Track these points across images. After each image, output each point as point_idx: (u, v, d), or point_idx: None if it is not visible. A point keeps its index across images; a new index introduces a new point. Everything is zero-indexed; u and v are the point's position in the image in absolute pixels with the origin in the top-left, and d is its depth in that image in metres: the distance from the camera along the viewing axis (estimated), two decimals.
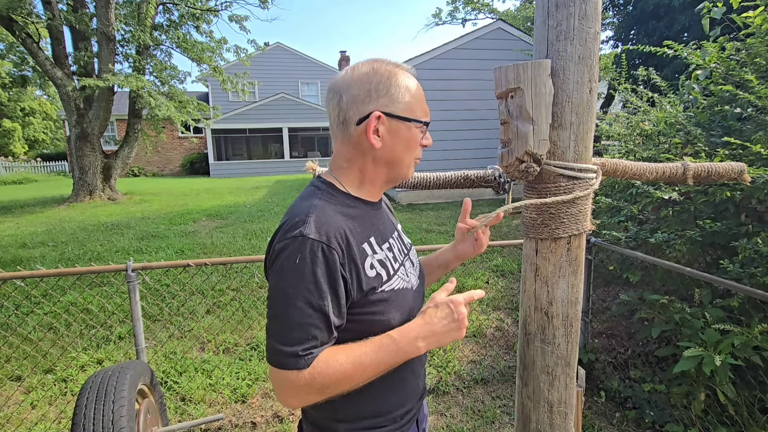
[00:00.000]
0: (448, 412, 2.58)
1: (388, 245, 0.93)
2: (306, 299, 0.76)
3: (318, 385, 0.76)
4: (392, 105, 0.86)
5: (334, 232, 0.80)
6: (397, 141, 0.88)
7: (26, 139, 31.03)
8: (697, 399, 2.15)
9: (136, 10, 10.65)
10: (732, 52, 2.82)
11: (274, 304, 0.79)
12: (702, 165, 1.13)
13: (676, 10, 7.85)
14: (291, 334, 0.76)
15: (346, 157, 0.91)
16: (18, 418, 2.50)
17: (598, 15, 0.86)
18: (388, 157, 0.89)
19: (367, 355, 0.80)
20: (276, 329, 0.78)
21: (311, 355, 0.76)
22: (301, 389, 0.76)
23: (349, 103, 0.86)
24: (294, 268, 0.76)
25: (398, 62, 0.91)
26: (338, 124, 0.89)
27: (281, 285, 0.77)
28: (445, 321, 0.84)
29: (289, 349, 0.75)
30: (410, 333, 0.83)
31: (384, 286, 0.86)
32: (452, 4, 20.25)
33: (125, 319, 3.15)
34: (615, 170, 1.05)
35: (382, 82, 0.86)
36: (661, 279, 2.77)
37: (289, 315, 0.76)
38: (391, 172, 0.93)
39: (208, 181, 16.61)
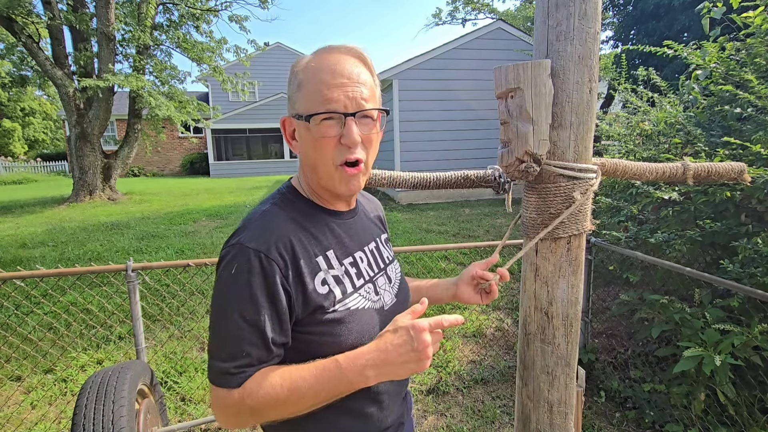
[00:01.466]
0: (448, 412, 2.58)
1: (351, 260, 0.84)
2: (240, 313, 0.69)
3: (247, 408, 0.68)
4: (295, 105, 0.78)
5: (277, 241, 0.73)
6: (304, 144, 0.78)
7: (26, 139, 31.04)
8: (697, 399, 2.15)
9: (136, 10, 10.65)
10: (732, 52, 2.82)
11: (211, 317, 0.73)
12: (702, 165, 1.13)
13: (676, 10, 7.85)
14: (224, 350, 0.70)
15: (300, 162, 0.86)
16: (18, 418, 2.50)
17: (598, 15, 0.86)
18: (308, 163, 0.80)
19: (305, 380, 0.69)
20: (212, 343, 0.72)
21: (244, 374, 0.69)
22: (230, 409, 0.69)
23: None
24: (230, 279, 0.70)
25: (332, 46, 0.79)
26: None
27: (217, 297, 0.72)
28: (402, 349, 0.69)
29: (222, 365, 0.69)
30: (359, 360, 0.71)
31: (337, 306, 0.76)
32: (452, 4, 20.27)
33: (125, 319, 3.15)
34: (615, 170, 1.05)
35: (292, 81, 0.79)
36: (661, 279, 2.77)
37: (223, 329, 0.70)
38: (320, 180, 0.80)
39: (208, 181, 16.61)
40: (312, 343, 0.75)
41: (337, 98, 0.74)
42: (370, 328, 0.80)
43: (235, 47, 13.39)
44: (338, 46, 0.79)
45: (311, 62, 0.76)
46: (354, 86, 0.75)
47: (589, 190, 0.93)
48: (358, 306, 0.80)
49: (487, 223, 6.82)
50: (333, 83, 0.74)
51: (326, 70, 0.74)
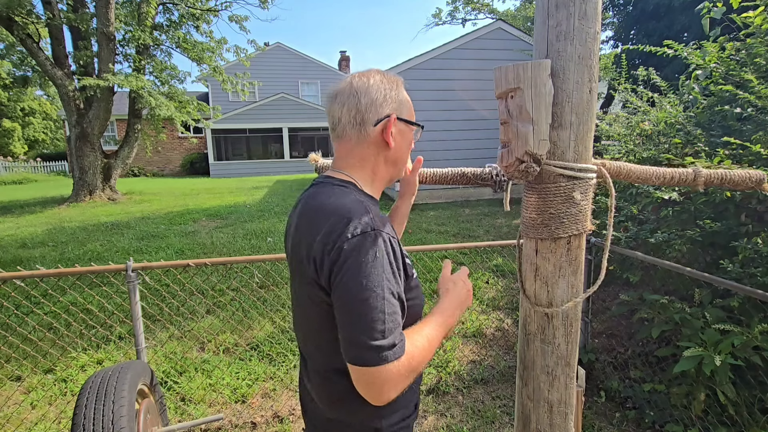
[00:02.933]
0: (448, 412, 2.58)
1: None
2: (390, 290, 0.78)
3: (412, 367, 0.79)
4: (401, 110, 0.97)
5: (388, 226, 0.87)
6: (403, 141, 0.99)
7: (26, 139, 31.03)
8: (697, 399, 2.15)
9: (136, 9, 10.64)
10: (732, 52, 2.82)
11: (359, 301, 0.77)
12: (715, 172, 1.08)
13: (676, 10, 7.85)
14: (383, 327, 0.76)
15: (359, 157, 0.96)
16: (18, 418, 2.50)
17: (598, 15, 0.86)
18: (396, 157, 0.99)
19: (431, 330, 0.87)
20: (365, 327, 0.76)
21: (403, 341, 0.79)
22: (402, 377, 0.77)
23: (368, 105, 0.92)
24: (375, 264, 0.78)
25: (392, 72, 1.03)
26: (354, 124, 0.93)
27: (364, 282, 0.77)
28: (463, 291, 1.00)
29: (386, 341, 0.75)
30: (449, 306, 0.95)
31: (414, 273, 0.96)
32: (452, 4, 20.25)
33: (125, 319, 3.15)
34: (618, 172, 1.04)
35: (394, 90, 0.96)
36: (661, 279, 2.77)
37: (379, 310, 0.76)
38: (395, 171, 1.02)
39: (208, 181, 16.61)
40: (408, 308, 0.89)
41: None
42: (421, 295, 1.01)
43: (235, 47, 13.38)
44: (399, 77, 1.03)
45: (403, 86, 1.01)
46: None
47: (589, 189, 0.93)
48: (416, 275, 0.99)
49: (487, 223, 6.82)
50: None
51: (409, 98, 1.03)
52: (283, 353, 3.18)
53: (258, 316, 3.72)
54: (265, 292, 4.20)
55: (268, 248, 5.73)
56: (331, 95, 0.96)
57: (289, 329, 3.48)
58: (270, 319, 3.69)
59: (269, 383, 2.86)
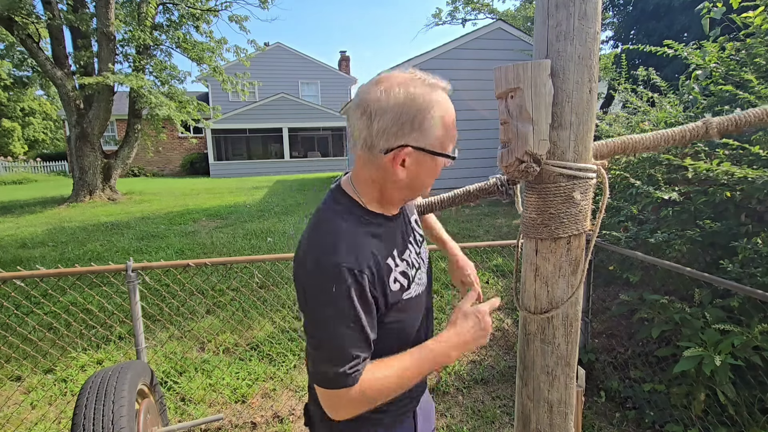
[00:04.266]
0: (448, 412, 2.58)
1: (406, 253, 0.98)
2: (347, 324, 0.81)
3: (366, 398, 0.83)
4: (423, 140, 0.85)
5: (364, 257, 0.84)
6: (422, 171, 0.89)
7: (26, 139, 31.03)
8: (697, 399, 2.15)
9: (136, 9, 10.65)
10: (732, 52, 2.82)
11: (317, 332, 0.84)
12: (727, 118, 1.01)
13: (676, 10, 7.85)
14: (337, 357, 0.81)
15: (369, 176, 0.90)
16: (18, 418, 2.50)
17: (598, 15, 0.86)
18: (411, 184, 0.91)
19: (409, 369, 0.87)
20: (321, 354, 0.83)
21: (357, 372, 0.82)
22: (351, 403, 0.83)
23: (379, 132, 0.83)
24: (332, 298, 0.80)
25: (435, 81, 0.87)
26: (363, 146, 0.86)
27: (323, 314, 0.82)
28: (473, 330, 0.92)
29: (339, 369, 0.80)
30: (444, 344, 0.90)
31: (404, 296, 0.92)
32: (452, 4, 20.25)
33: (125, 319, 3.14)
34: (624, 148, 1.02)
35: (417, 116, 0.83)
36: (661, 279, 2.77)
37: (333, 339, 0.81)
38: (410, 195, 0.95)
39: (208, 181, 16.61)
40: (388, 330, 0.91)
41: (455, 137, 0.94)
42: (421, 308, 1.00)
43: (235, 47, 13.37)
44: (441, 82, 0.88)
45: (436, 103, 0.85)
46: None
47: (589, 189, 0.93)
48: (414, 293, 0.96)
49: (487, 223, 6.82)
50: (455, 126, 0.92)
51: (450, 117, 0.89)
52: (283, 353, 3.18)
53: (258, 316, 3.72)
54: (265, 292, 4.20)
55: (268, 248, 5.73)
56: (353, 105, 0.87)
57: (289, 329, 3.48)
58: (270, 319, 3.69)
59: (269, 383, 2.86)
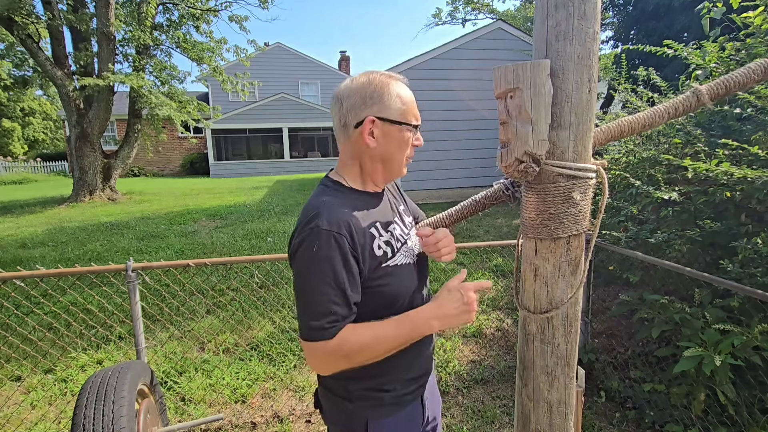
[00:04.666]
0: (448, 413, 2.58)
1: (391, 227, 1.06)
2: (325, 280, 0.89)
3: (343, 353, 0.90)
4: (385, 111, 0.99)
5: (342, 222, 0.93)
6: (389, 141, 1.01)
7: (26, 139, 31.02)
8: (697, 399, 2.15)
9: (136, 9, 10.64)
10: (732, 52, 2.82)
11: (299, 287, 0.92)
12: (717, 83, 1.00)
13: (676, 10, 7.85)
14: (316, 311, 0.89)
15: (349, 156, 1.05)
16: (18, 418, 2.50)
17: (597, 15, 0.86)
18: (383, 155, 1.03)
19: (386, 330, 0.94)
20: (303, 309, 0.92)
21: (335, 327, 0.90)
22: (329, 356, 0.90)
23: (348, 109, 1.00)
24: (312, 256, 0.89)
25: (392, 73, 1.04)
26: (340, 127, 1.03)
27: (304, 271, 0.91)
28: (455, 304, 0.97)
29: (316, 323, 0.89)
30: (425, 313, 0.97)
31: (389, 262, 1.00)
32: (452, 5, 20.26)
33: (125, 319, 3.15)
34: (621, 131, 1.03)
35: (376, 91, 0.99)
36: (661, 279, 2.77)
37: (313, 295, 0.90)
38: (386, 169, 1.06)
39: (208, 181, 16.61)
40: (375, 293, 0.98)
41: (418, 117, 1.05)
42: (409, 279, 1.06)
43: (235, 47, 13.36)
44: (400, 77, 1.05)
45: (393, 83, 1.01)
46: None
47: (588, 189, 0.93)
48: (401, 262, 1.04)
49: (487, 223, 6.82)
50: (415, 107, 1.04)
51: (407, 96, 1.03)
52: (283, 353, 3.18)
53: (258, 316, 3.72)
54: (265, 292, 4.20)
55: (268, 248, 5.73)
56: (331, 103, 1.05)
57: (289, 329, 3.48)
58: (270, 319, 3.69)
59: (269, 383, 2.86)
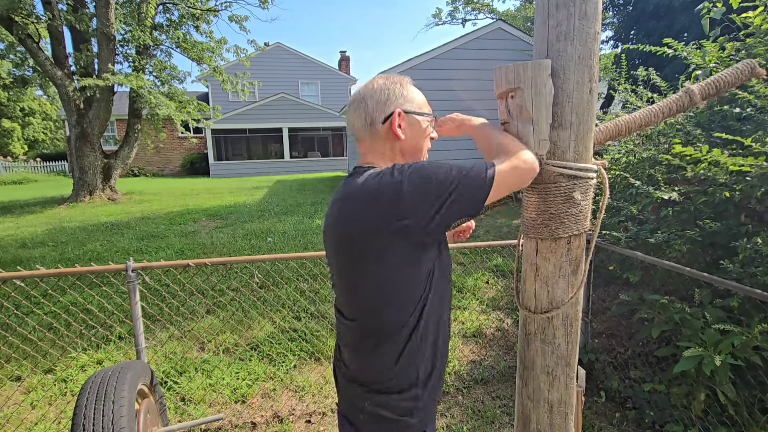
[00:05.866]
0: (448, 412, 2.58)
1: None
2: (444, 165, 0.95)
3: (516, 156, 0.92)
4: (408, 104, 1.07)
5: None
6: (415, 131, 1.08)
7: (26, 139, 31.01)
8: (697, 399, 2.15)
9: (136, 10, 10.64)
10: (732, 52, 2.82)
11: (454, 177, 0.94)
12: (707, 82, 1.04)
13: (676, 10, 7.85)
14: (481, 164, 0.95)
15: (379, 153, 1.07)
16: (18, 418, 2.50)
17: (598, 15, 0.86)
18: (412, 147, 1.08)
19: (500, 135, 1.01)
20: (476, 166, 0.95)
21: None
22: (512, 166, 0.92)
23: (374, 106, 1.05)
24: (433, 166, 0.94)
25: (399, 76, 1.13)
26: (366, 126, 1.06)
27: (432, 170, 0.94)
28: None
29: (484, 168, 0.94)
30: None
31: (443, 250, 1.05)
32: (452, 5, 20.26)
33: (125, 319, 3.14)
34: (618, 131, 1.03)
35: (398, 88, 1.07)
36: (661, 279, 2.77)
37: (454, 166, 0.95)
38: (415, 159, 1.10)
39: (208, 181, 16.61)
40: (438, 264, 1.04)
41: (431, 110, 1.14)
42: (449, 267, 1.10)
43: (235, 47, 13.33)
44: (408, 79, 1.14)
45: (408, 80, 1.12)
46: None
47: (589, 189, 0.93)
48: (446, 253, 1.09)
49: (487, 224, 6.82)
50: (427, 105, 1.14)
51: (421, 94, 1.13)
52: (283, 353, 3.18)
53: (258, 316, 3.72)
54: (265, 292, 4.20)
55: (268, 248, 5.73)
56: (349, 108, 1.10)
57: (289, 329, 3.48)
58: (270, 319, 3.69)
59: (269, 383, 2.86)
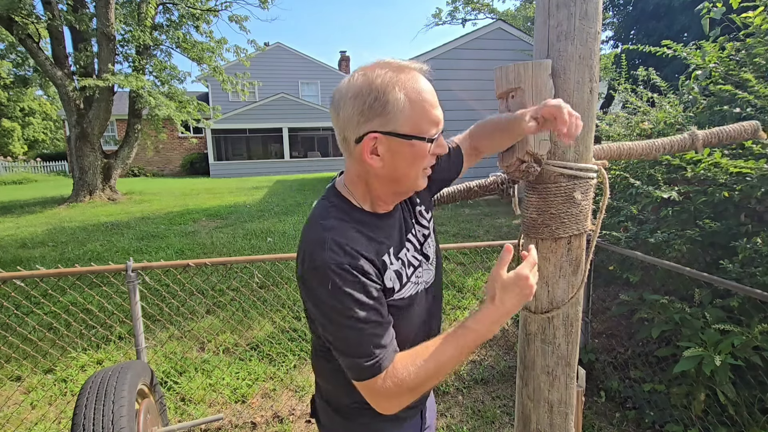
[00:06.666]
0: (448, 412, 2.58)
1: (403, 252, 0.93)
2: (352, 317, 0.78)
3: (405, 389, 0.80)
4: (390, 123, 0.79)
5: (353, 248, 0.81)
6: (398, 159, 0.82)
7: (26, 139, 31.01)
8: (697, 399, 2.15)
9: (136, 10, 10.65)
10: (732, 52, 2.82)
11: (328, 329, 0.82)
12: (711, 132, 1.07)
13: (676, 10, 7.85)
14: (357, 349, 0.79)
15: (355, 173, 0.88)
16: (18, 418, 2.50)
17: (598, 15, 0.86)
18: (392, 175, 0.84)
19: (448, 350, 0.82)
20: (343, 349, 0.82)
21: (379, 360, 0.79)
22: (388, 394, 0.80)
23: (345, 122, 0.81)
24: (328, 295, 0.78)
25: (403, 63, 0.82)
26: (340, 140, 0.85)
27: (326, 313, 0.80)
28: (516, 299, 0.83)
29: (361, 361, 0.79)
30: (487, 320, 0.83)
31: (396, 295, 0.89)
32: (452, 4, 20.27)
33: (125, 319, 3.14)
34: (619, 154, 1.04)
35: (378, 99, 0.78)
36: (661, 279, 2.77)
37: (346, 335, 0.80)
38: (398, 188, 0.88)
39: (208, 181, 16.61)
40: None
41: (438, 120, 0.83)
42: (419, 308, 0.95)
43: (235, 47, 13.34)
44: (415, 66, 0.83)
45: (401, 81, 0.79)
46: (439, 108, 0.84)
47: (589, 189, 0.93)
48: (411, 293, 0.92)
49: (487, 224, 6.82)
50: (434, 107, 0.82)
51: (420, 96, 0.80)
52: (283, 353, 3.18)
53: (258, 316, 3.72)
54: (265, 292, 4.20)
55: (268, 248, 5.73)
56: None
57: (289, 329, 3.48)
58: (270, 319, 3.69)
59: (269, 383, 2.86)
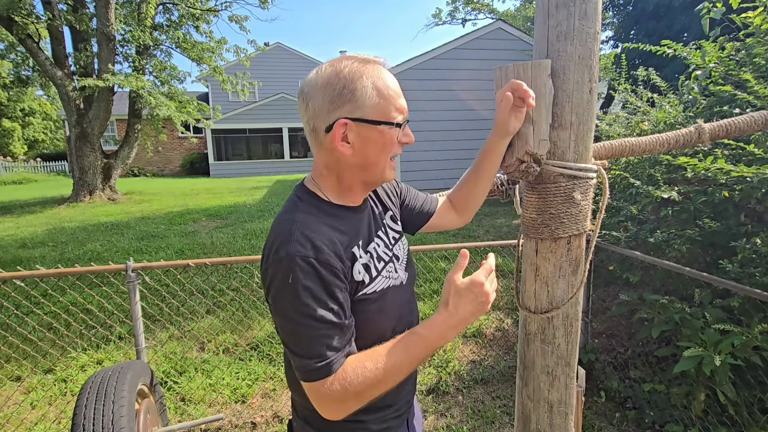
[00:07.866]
0: (448, 412, 2.58)
1: (372, 246, 0.94)
2: (308, 314, 0.76)
3: (352, 393, 0.78)
4: (359, 110, 0.82)
5: (321, 242, 0.80)
6: (368, 145, 0.84)
7: (26, 139, 31.01)
8: (697, 399, 2.15)
9: (136, 10, 10.65)
10: (731, 52, 2.82)
11: (282, 325, 0.80)
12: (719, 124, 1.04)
13: (676, 10, 7.85)
14: (308, 349, 0.78)
15: (323, 164, 0.89)
16: (18, 418, 2.50)
17: (598, 15, 0.86)
18: (362, 163, 0.86)
19: (395, 357, 0.80)
20: (294, 347, 0.80)
21: (330, 362, 0.78)
22: (334, 397, 0.78)
23: (315, 112, 0.83)
24: (288, 288, 0.77)
25: (368, 56, 0.86)
26: (309, 131, 0.87)
27: (283, 308, 0.79)
28: (470, 306, 0.82)
29: (310, 362, 0.77)
30: (438, 326, 0.82)
31: (367, 289, 0.88)
32: (452, 4, 20.28)
33: (125, 319, 3.14)
34: (621, 150, 1.03)
35: (347, 87, 0.81)
36: (661, 279, 2.77)
37: (299, 333, 0.78)
38: (368, 176, 0.90)
39: (208, 181, 16.61)
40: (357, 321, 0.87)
41: (403, 109, 0.87)
42: (394, 303, 0.94)
43: (235, 47, 13.35)
44: (378, 59, 0.88)
45: (367, 71, 0.83)
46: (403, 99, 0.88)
47: (589, 189, 0.93)
48: (383, 286, 0.92)
49: (487, 223, 6.82)
50: (399, 96, 0.86)
51: (386, 84, 0.84)
52: (282, 353, 3.17)
53: (258, 316, 3.72)
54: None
55: None
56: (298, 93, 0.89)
57: None
58: (270, 319, 3.69)
59: (269, 383, 2.86)
